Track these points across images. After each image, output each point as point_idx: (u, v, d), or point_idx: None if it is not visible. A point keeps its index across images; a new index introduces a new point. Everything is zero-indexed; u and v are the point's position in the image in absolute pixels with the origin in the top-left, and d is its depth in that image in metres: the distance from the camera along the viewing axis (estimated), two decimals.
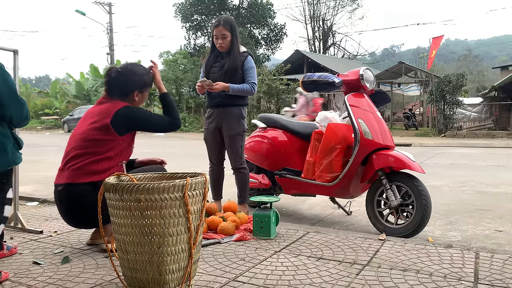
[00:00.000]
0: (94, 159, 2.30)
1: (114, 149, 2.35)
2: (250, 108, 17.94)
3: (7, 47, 2.94)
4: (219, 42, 3.25)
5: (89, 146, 2.31)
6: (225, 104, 3.29)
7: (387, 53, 46.46)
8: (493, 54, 72.76)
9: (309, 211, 3.88)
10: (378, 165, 2.89)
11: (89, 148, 2.31)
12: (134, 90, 2.48)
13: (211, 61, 3.37)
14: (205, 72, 3.38)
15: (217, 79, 3.24)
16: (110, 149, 2.33)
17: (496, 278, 1.94)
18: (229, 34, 3.23)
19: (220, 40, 3.24)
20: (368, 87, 3.11)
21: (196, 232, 1.79)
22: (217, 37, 3.25)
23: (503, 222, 3.37)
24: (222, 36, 3.23)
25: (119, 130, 2.34)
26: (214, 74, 3.32)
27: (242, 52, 3.34)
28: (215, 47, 3.33)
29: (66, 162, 2.34)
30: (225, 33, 3.22)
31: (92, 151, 2.31)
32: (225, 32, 3.22)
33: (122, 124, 2.35)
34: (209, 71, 3.36)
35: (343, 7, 32.36)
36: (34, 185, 5.33)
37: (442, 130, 15.66)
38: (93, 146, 2.31)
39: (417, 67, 22.24)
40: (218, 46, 3.27)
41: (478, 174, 6.07)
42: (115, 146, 2.35)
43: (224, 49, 3.27)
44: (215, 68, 3.33)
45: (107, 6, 26.19)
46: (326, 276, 1.99)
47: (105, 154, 2.32)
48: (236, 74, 3.26)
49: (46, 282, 1.95)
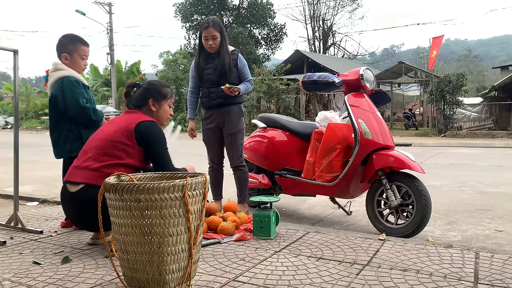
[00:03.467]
0: (111, 162, 2.28)
1: (130, 157, 2.32)
2: (250, 108, 17.95)
3: (7, 47, 2.94)
4: (210, 43, 3.27)
5: (109, 147, 2.30)
6: (225, 104, 3.32)
7: (387, 53, 46.43)
8: (493, 54, 72.77)
9: (309, 211, 3.88)
10: (378, 165, 2.89)
11: (108, 149, 2.30)
12: (149, 98, 2.48)
13: (202, 62, 3.37)
14: (198, 74, 3.38)
15: (212, 80, 3.30)
16: (127, 156, 2.31)
17: (496, 278, 1.94)
18: (218, 35, 3.27)
19: (210, 41, 3.26)
20: (368, 87, 3.11)
21: (196, 232, 1.79)
22: (207, 38, 3.27)
23: (503, 222, 3.37)
24: (212, 37, 3.26)
25: (138, 140, 2.32)
26: (209, 76, 3.34)
27: (232, 51, 3.39)
28: (203, 48, 3.34)
29: (84, 160, 2.32)
30: (215, 34, 3.25)
31: (111, 152, 2.29)
32: (215, 33, 3.25)
33: (143, 135, 2.32)
34: (202, 72, 3.37)
35: (343, 7, 32.36)
36: (34, 185, 5.33)
37: (442, 130, 15.66)
38: (113, 147, 2.30)
39: (417, 67, 22.25)
40: (208, 47, 3.29)
41: (478, 174, 6.07)
42: (133, 154, 2.32)
43: (214, 50, 3.30)
44: (208, 69, 3.35)
45: (107, 6, 26.19)
46: (326, 276, 1.99)
47: (122, 160, 2.29)
48: (230, 73, 3.31)
49: (46, 282, 1.95)
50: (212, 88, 3.32)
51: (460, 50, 56.67)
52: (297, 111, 18.92)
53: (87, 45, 2.94)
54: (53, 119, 2.84)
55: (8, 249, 2.45)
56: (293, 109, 18.99)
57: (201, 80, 3.37)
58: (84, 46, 2.91)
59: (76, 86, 2.76)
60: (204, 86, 3.37)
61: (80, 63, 2.90)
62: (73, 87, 2.75)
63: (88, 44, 2.96)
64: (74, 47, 2.86)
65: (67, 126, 2.80)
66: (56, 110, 2.80)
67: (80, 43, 2.89)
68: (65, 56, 2.85)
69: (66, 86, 2.74)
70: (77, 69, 2.88)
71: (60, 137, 2.82)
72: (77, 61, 2.87)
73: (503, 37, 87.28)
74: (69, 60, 2.85)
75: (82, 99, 2.75)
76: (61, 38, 2.90)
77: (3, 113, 32.74)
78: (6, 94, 34.30)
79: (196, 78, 3.40)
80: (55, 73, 2.81)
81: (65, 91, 2.74)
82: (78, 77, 2.84)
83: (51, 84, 2.83)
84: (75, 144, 2.79)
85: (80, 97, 2.74)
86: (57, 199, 4.05)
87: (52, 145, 2.89)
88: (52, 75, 2.82)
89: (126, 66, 28.83)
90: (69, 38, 2.89)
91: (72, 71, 2.83)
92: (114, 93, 25.80)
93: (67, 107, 2.74)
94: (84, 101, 2.77)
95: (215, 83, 3.30)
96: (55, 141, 2.87)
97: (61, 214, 3.32)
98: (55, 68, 2.83)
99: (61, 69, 2.82)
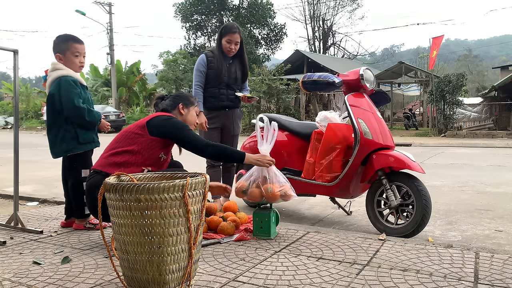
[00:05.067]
0: (117, 150, 2.42)
1: (139, 144, 2.42)
2: (250, 108, 17.93)
3: (7, 47, 2.94)
4: (232, 47, 3.40)
5: (122, 138, 2.47)
6: (232, 106, 3.50)
7: (387, 53, 46.41)
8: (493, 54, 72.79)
9: (309, 211, 3.88)
10: (378, 165, 2.89)
11: (122, 140, 2.46)
12: (179, 103, 2.66)
13: (224, 65, 3.46)
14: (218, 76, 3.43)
15: (226, 82, 3.45)
16: (135, 143, 2.42)
17: (496, 278, 1.94)
18: (240, 40, 3.44)
19: (233, 46, 3.40)
20: (368, 87, 3.11)
21: (196, 232, 1.79)
22: (230, 42, 3.40)
23: (503, 222, 3.37)
24: (236, 43, 3.41)
25: (151, 130, 2.44)
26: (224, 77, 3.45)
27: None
28: (222, 51, 3.39)
29: (105, 150, 2.51)
30: (239, 40, 3.42)
31: (122, 140, 2.46)
32: (239, 39, 3.42)
33: (155, 125, 2.45)
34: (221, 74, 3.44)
35: (343, 7, 32.35)
36: (34, 185, 5.33)
37: (442, 130, 15.66)
38: (125, 137, 2.47)
39: (417, 67, 22.23)
40: (228, 50, 3.42)
41: (478, 174, 6.06)
42: (142, 142, 2.42)
43: (232, 54, 3.45)
44: (224, 71, 3.45)
45: (107, 6, 26.16)
46: (326, 276, 1.99)
47: (128, 147, 2.41)
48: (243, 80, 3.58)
49: (46, 282, 1.95)
50: (223, 90, 3.45)
51: (460, 50, 56.69)
52: (297, 111, 18.91)
53: (79, 42, 2.94)
54: (50, 118, 2.85)
55: (8, 249, 2.45)
56: (293, 109, 18.97)
57: (216, 79, 3.40)
58: (76, 44, 2.90)
59: (72, 85, 2.77)
60: (213, 85, 3.41)
61: (74, 61, 2.88)
62: (69, 87, 2.76)
63: (81, 41, 2.95)
64: (66, 46, 2.86)
65: (64, 126, 2.80)
66: (53, 109, 2.81)
67: (72, 41, 2.89)
68: (59, 56, 2.86)
69: (63, 85, 2.76)
70: (73, 67, 2.88)
71: (57, 136, 2.83)
72: (70, 59, 2.87)
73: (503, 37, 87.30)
74: (63, 60, 2.86)
75: (78, 99, 2.75)
76: (55, 39, 2.92)
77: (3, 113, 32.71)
78: (6, 94, 34.29)
79: (212, 75, 3.43)
80: (53, 72, 2.83)
81: (61, 90, 2.75)
82: (76, 76, 2.85)
83: (49, 83, 2.84)
84: (71, 143, 2.80)
85: (76, 97, 2.75)
86: (57, 199, 4.05)
87: (49, 144, 2.90)
88: (51, 74, 2.84)
89: (126, 66, 28.80)
90: (61, 38, 2.91)
91: (70, 71, 2.83)
92: (114, 93, 25.78)
93: (63, 107, 2.75)
94: (80, 101, 2.77)
95: (227, 85, 3.46)
96: (52, 141, 2.87)
97: (61, 214, 3.32)
98: (54, 68, 2.85)
99: (59, 68, 2.83)
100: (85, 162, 2.86)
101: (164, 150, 2.51)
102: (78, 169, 2.84)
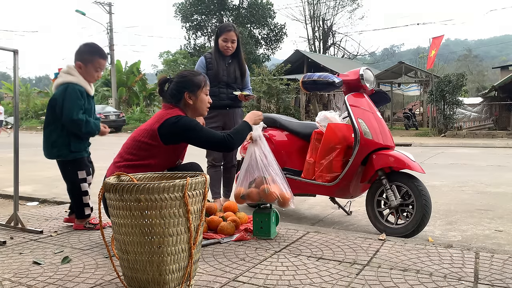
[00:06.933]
0: (134, 163, 2.31)
1: (155, 157, 2.32)
2: (250, 108, 17.93)
3: (7, 47, 2.94)
4: (228, 46, 3.41)
5: (135, 146, 2.35)
6: (232, 105, 3.50)
7: (387, 53, 46.42)
8: (493, 54, 72.81)
9: (309, 211, 3.88)
10: (378, 165, 2.89)
11: (134, 148, 2.34)
12: (184, 91, 2.41)
13: (222, 64, 3.47)
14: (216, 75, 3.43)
15: (225, 81, 3.46)
16: (151, 156, 2.32)
17: (496, 278, 1.94)
18: (236, 39, 3.44)
19: (229, 44, 3.41)
20: (368, 87, 3.11)
21: (196, 232, 1.79)
22: (226, 40, 3.41)
23: (503, 222, 3.37)
24: (232, 41, 3.41)
25: (164, 139, 2.30)
26: (223, 77, 3.45)
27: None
28: (219, 50, 3.41)
29: (117, 156, 2.42)
30: (235, 38, 3.42)
31: (136, 152, 2.34)
32: (235, 37, 3.42)
33: (168, 132, 2.30)
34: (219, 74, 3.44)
35: (343, 7, 32.40)
36: (34, 185, 5.34)
37: (442, 130, 15.66)
38: (138, 147, 2.33)
39: (417, 67, 22.23)
40: (225, 49, 3.45)
41: (478, 174, 6.06)
42: (157, 154, 2.33)
43: (229, 53, 3.45)
44: (223, 71, 3.46)
45: (107, 6, 26.17)
46: (326, 276, 1.99)
47: (145, 161, 2.31)
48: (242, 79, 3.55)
49: (46, 282, 1.95)
50: (223, 89, 3.46)
51: (460, 50, 56.70)
52: (297, 111, 18.91)
53: (104, 58, 2.93)
54: (48, 119, 2.84)
55: (8, 249, 2.45)
56: (293, 109, 18.98)
57: (215, 79, 3.41)
58: (101, 59, 2.88)
59: (77, 96, 2.74)
60: (213, 85, 3.42)
61: (93, 74, 2.87)
62: (74, 97, 2.72)
63: (106, 57, 2.96)
64: (91, 59, 2.83)
65: (58, 131, 2.79)
66: (52, 113, 2.79)
67: (98, 57, 2.86)
68: (79, 65, 2.82)
69: (68, 93, 2.72)
70: (89, 78, 2.86)
71: (49, 139, 2.82)
72: (90, 71, 2.85)
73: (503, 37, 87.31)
74: (82, 69, 2.83)
75: (78, 111, 2.71)
76: (82, 46, 2.87)
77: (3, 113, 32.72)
78: (6, 94, 34.26)
79: (211, 75, 3.43)
80: (65, 75, 2.80)
81: (65, 98, 2.72)
82: (85, 86, 2.82)
83: (57, 84, 2.82)
84: (62, 150, 2.79)
85: (77, 108, 2.71)
86: (57, 199, 4.05)
87: (43, 143, 2.89)
88: (61, 75, 2.81)
89: (126, 66, 28.82)
90: (89, 48, 2.86)
91: (81, 80, 2.81)
92: (114, 93, 25.79)
93: (62, 114, 2.72)
94: (81, 112, 2.73)
95: (227, 84, 3.46)
96: (44, 141, 2.87)
97: (61, 214, 3.33)
98: (67, 71, 2.81)
99: (72, 74, 2.80)
100: (80, 165, 2.84)
101: (181, 155, 2.49)
102: (73, 171, 2.83)
